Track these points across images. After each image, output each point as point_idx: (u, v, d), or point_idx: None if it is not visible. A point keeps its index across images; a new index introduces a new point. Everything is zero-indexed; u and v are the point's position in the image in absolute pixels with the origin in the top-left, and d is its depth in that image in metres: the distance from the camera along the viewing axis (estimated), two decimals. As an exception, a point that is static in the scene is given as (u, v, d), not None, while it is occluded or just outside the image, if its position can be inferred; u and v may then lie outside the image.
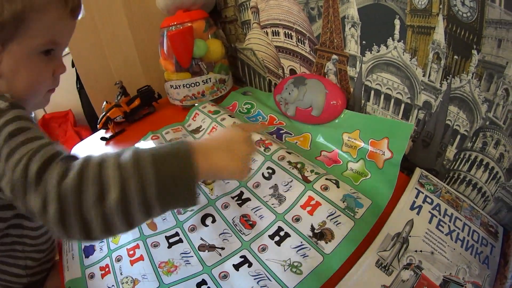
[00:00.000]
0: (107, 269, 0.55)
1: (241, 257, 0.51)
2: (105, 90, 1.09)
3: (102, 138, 0.95)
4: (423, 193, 0.53)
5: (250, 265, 0.50)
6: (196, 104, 0.92)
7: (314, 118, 0.71)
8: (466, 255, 0.45)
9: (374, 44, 0.59)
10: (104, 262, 0.56)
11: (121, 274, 0.53)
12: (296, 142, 0.72)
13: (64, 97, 2.00)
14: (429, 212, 0.50)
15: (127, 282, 0.51)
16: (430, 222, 0.49)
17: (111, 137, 0.95)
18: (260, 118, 0.83)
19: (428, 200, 0.52)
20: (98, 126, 0.98)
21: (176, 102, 0.95)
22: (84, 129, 1.99)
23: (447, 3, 0.45)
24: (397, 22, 0.54)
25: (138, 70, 1.10)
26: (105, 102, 0.98)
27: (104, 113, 0.95)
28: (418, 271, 0.42)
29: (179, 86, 0.90)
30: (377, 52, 0.59)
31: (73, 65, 1.76)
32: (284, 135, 0.74)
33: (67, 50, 1.89)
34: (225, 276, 0.49)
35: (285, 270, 0.47)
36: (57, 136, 1.94)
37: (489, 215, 0.53)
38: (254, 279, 0.47)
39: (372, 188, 0.56)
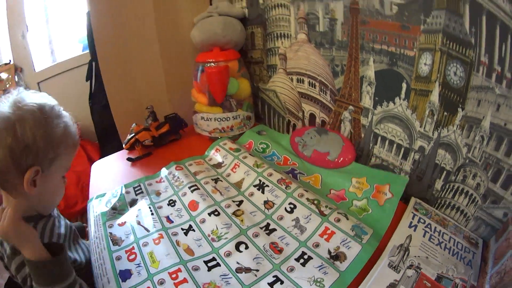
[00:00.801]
0: None
1: (273, 276, 0.62)
2: (130, 111, 1.20)
3: (129, 159, 1.05)
4: (417, 215, 0.72)
5: (282, 282, 0.60)
6: (217, 139, 1.05)
7: (329, 162, 0.89)
8: (453, 259, 0.63)
9: (384, 100, 0.78)
10: (144, 285, 0.61)
11: None
12: (309, 182, 0.87)
13: (72, 109, 2.03)
14: (423, 229, 0.69)
15: None
16: (424, 236, 0.67)
17: (137, 159, 1.06)
18: (275, 158, 0.98)
19: (422, 220, 0.71)
20: (124, 146, 1.08)
21: (204, 133, 1.10)
22: (89, 143, 2.03)
23: (443, 73, 0.64)
24: (404, 85, 0.73)
25: (164, 97, 1.23)
26: (134, 124, 1.09)
27: (133, 135, 1.06)
28: (418, 270, 0.59)
29: (210, 119, 1.05)
30: (386, 107, 0.78)
31: (87, 79, 1.84)
32: (298, 175, 0.89)
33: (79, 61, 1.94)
34: None
35: (310, 285, 0.58)
36: None
37: (471, 230, 0.70)
38: None
39: (373, 220, 0.72)
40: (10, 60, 1.90)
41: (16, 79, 1.89)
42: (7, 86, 1.85)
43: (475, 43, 0.58)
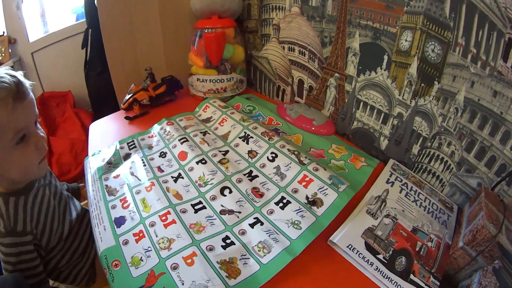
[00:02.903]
0: (141, 234, 0.65)
1: (254, 218, 0.68)
2: (128, 74, 1.26)
3: (127, 117, 1.11)
4: (394, 174, 0.80)
5: (262, 224, 0.66)
6: (206, 98, 1.13)
7: (312, 126, 0.97)
8: (428, 216, 0.70)
9: (367, 69, 0.86)
10: (137, 228, 0.67)
11: (156, 236, 0.64)
12: (291, 140, 0.93)
13: (66, 78, 2.13)
14: (400, 186, 0.76)
15: (163, 242, 0.62)
16: (400, 192, 0.75)
17: (134, 117, 1.12)
18: (260, 118, 1.05)
19: (399, 179, 0.79)
20: (122, 106, 1.13)
21: (199, 93, 1.17)
22: (83, 111, 2.08)
23: (422, 49, 0.72)
24: (385, 57, 0.80)
25: (161, 61, 1.30)
26: (133, 85, 1.14)
27: (131, 95, 1.11)
28: (394, 220, 0.67)
29: (206, 80, 1.13)
30: (368, 76, 0.86)
31: (82, 47, 1.89)
32: (281, 134, 0.96)
33: (76, 29, 2.01)
34: (243, 232, 0.65)
35: (288, 227, 0.64)
36: (55, 115, 2.02)
37: (446, 196, 0.78)
38: (266, 233, 0.64)
39: (349, 178, 0.76)
40: (3, 32, 1.91)
41: (10, 51, 1.90)
42: (0, 58, 1.86)
43: (453, 27, 0.65)
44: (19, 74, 0.63)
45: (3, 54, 1.89)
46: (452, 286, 0.61)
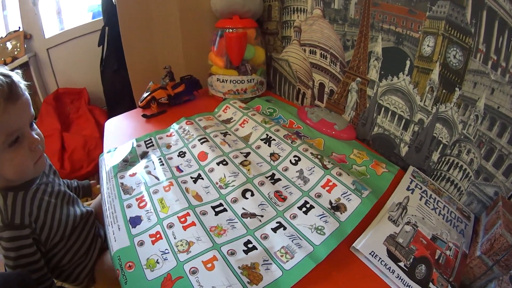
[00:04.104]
0: (158, 236, 0.64)
1: (277, 222, 0.67)
2: (146, 72, 1.28)
3: (144, 115, 1.12)
4: (414, 181, 0.79)
5: (284, 228, 0.65)
6: (226, 98, 1.14)
7: (334, 131, 0.98)
8: (447, 225, 0.69)
9: (389, 74, 0.86)
10: (154, 229, 0.65)
11: (174, 238, 0.62)
12: (312, 144, 0.92)
13: (81, 75, 2.17)
14: (419, 194, 0.76)
15: (181, 245, 0.61)
16: (420, 200, 0.74)
17: (152, 116, 1.13)
18: (281, 121, 1.05)
19: (419, 186, 0.78)
20: (140, 104, 1.14)
21: (218, 94, 1.18)
22: (97, 108, 2.11)
23: (444, 55, 0.72)
24: (408, 62, 0.80)
25: (180, 61, 1.31)
26: (151, 83, 1.15)
27: (149, 93, 1.12)
28: (415, 227, 0.66)
29: (226, 81, 1.14)
30: (390, 81, 0.86)
31: (99, 45, 1.93)
32: (302, 137, 0.96)
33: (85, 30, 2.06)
34: (265, 237, 0.64)
35: (312, 232, 0.63)
36: (69, 112, 2.05)
37: (464, 205, 0.77)
38: (289, 238, 0.63)
39: (371, 184, 0.75)
40: (19, 27, 1.95)
41: (25, 46, 1.94)
42: (15, 53, 1.91)
43: (474, 33, 0.65)
44: (15, 74, 0.62)
45: (18, 49, 1.93)
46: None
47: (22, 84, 0.63)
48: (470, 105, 0.70)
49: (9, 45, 1.92)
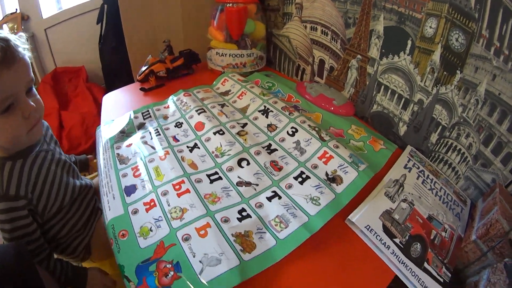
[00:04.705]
0: (152, 203, 0.64)
1: (272, 191, 0.67)
2: (145, 48, 1.27)
3: (142, 89, 1.12)
4: (412, 160, 0.79)
5: (280, 197, 0.65)
6: (225, 72, 1.13)
7: (332, 106, 0.97)
8: (443, 206, 0.70)
9: (390, 53, 0.85)
10: (148, 197, 0.65)
11: (168, 205, 0.62)
12: (310, 118, 0.91)
13: (79, 53, 2.16)
14: (417, 173, 0.76)
15: (175, 212, 0.61)
16: (417, 179, 0.74)
17: (150, 89, 1.12)
18: (279, 94, 1.04)
19: (416, 165, 0.78)
20: (138, 77, 1.14)
21: (217, 68, 1.17)
22: (95, 85, 2.10)
23: (446, 37, 0.71)
24: (409, 42, 0.80)
25: (180, 35, 1.30)
26: (150, 56, 1.14)
27: (147, 66, 1.12)
28: (411, 205, 0.66)
29: (225, 54, 1.13)
30: (391, 59, 0.86)
31: (98, 22, 1.93)
32: (300, 110, 0.94)
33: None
34: (260, 205, 0.64)
35: (307, 202, 0.63)
36: (67, 90, 2.04)
37: (460, 189, 0.78)
38: (284, 208, 0.63)
39: (368, 160, 0.75)
40: (16, 9, 1.93)
41: (23, 27, 1.92)
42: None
43: (478, 18, 0.64)
44: (14, 37, 0.60)
45: (15, 31, 1.89)
46: (460, 281, 0.61)
47: (20, 47, 0.60)
48: (471, 89, 0.70)
49: (6, 28, 1.90)
